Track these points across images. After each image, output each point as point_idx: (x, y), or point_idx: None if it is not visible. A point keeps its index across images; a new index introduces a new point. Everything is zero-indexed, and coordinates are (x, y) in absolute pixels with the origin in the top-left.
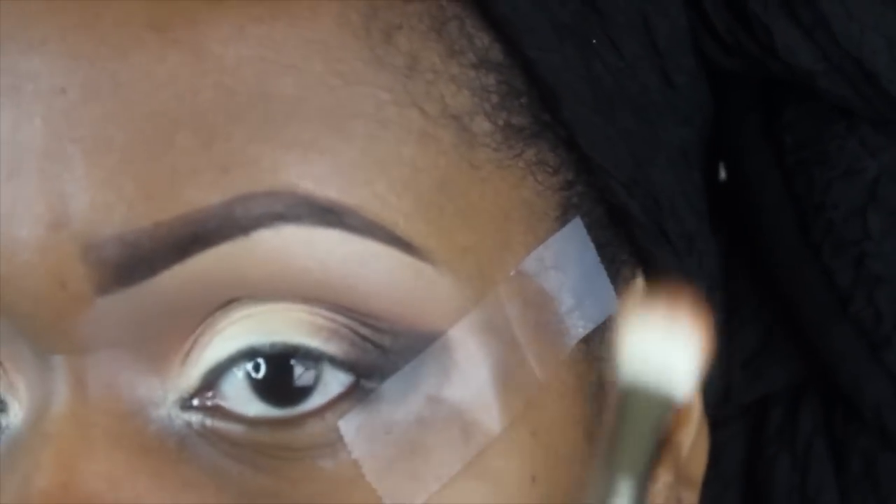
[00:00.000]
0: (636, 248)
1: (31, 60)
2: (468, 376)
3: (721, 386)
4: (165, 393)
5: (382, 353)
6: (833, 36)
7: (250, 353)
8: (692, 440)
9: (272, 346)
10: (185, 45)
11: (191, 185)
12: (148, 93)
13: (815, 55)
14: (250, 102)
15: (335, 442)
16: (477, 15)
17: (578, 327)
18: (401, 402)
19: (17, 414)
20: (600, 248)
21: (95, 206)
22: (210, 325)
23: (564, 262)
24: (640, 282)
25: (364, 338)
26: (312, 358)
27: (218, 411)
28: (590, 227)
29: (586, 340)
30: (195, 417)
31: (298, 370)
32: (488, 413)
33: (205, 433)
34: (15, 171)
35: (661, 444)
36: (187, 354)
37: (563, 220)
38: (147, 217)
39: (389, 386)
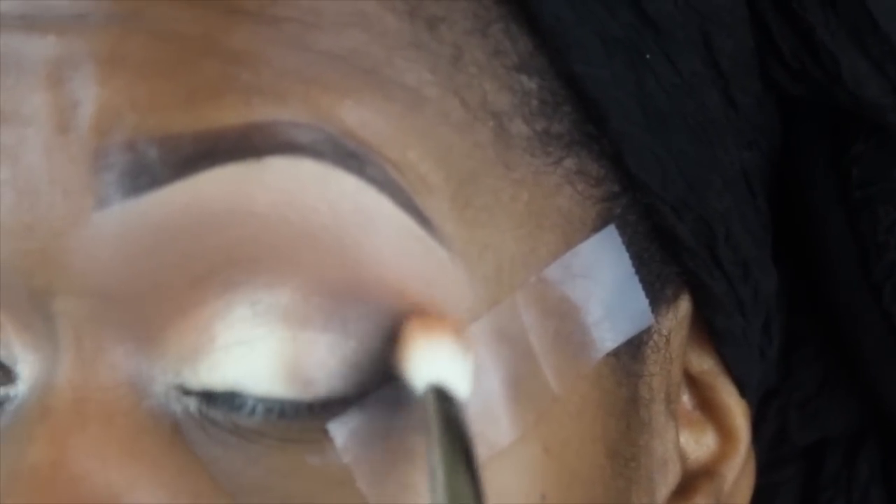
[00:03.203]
0: (685, 271)
1: None
2: (475, 386)
3: (776, 425)
4: (162, 370)
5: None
6: None
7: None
8: (737, 474)
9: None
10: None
11: (210, 105)
12: (174, 26)
13: (883, 88)
14: (286, 49)
15: (321, 439)
16: (522, 20)
17: (606, 340)
18: (400, 408)
19: (24, 383)
20: (643, 262)
21: (105, 112)
22: (210, 314)
23: (595, 270)
24: (685, 304)
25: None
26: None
27: (213, 399)
28: (633, 241)
29: (616, 354)
30: (192, 403)
31: None
32: (495, 426)
33: (199, 420)
34: (22, 75)
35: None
36: (194, 351)
37: (601, 230)
38: (159, 128)
39: (389, 390)
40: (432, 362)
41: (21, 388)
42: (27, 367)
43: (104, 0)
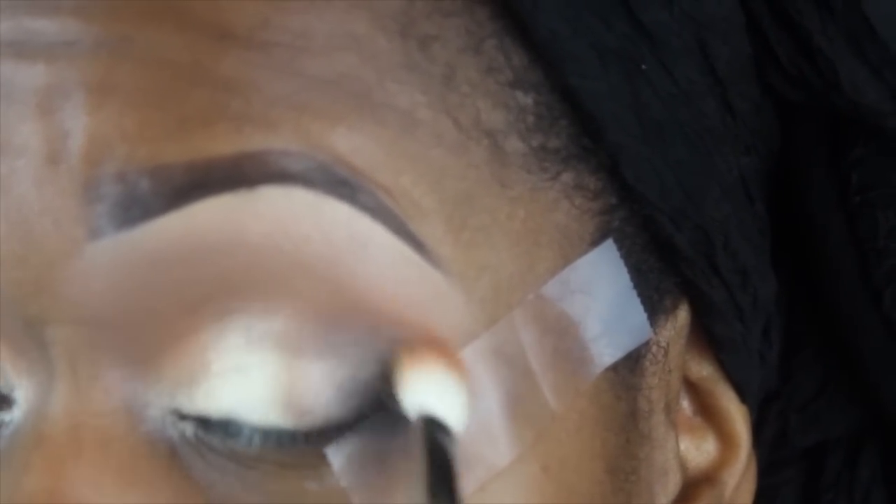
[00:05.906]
0: (683, 281)
1: (37, 21)
2: (473, 406)
3: (776, 428)
4: (158, 394)
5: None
6: None
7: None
8: (738, 480)
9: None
10: (207, 22)
11: (201, 135)
12: (164, 54)
13: (881, 94)
14: (276, 75)
15: (319, 464)
16: (516, 34)
17: (604, 355)
18: (397, 430)
19: (20, 408)
20: (641, 274)
21: (96, 143)
22: (205, 340)
23: (593, 286)
24: (683, 314)
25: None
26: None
27: (209, 425)
28: (630, 253)
29: (614, 369)
30: (188, 428)
31: None
32: (493, 446)
33: (196, 445)
34: (12, 104)
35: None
36: (190, 376)
37: (599, 244)
38: (150, 159)
39: (386, 414)
40: (423, 393)
41: (17, 413)
42: (23, 393)
43: (93, 26)
